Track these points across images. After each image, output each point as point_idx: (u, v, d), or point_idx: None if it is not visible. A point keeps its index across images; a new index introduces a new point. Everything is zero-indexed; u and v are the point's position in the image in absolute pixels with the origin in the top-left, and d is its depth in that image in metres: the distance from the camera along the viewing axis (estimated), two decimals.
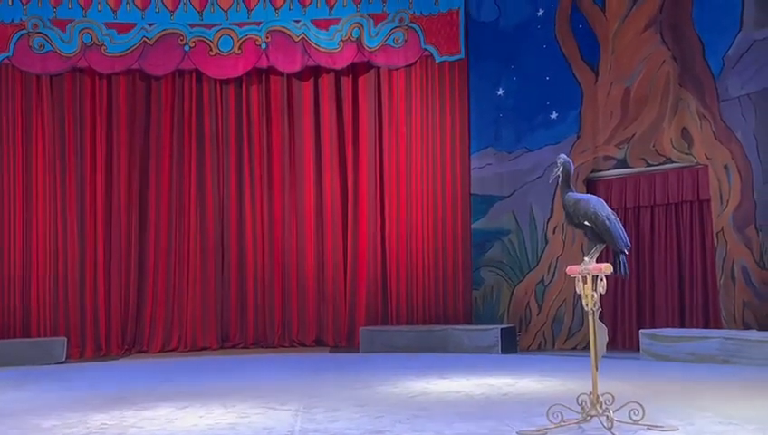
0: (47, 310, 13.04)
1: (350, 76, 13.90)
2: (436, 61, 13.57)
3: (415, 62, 13.65)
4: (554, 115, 12.87)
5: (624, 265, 5.93)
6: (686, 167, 11.80)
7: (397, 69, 13.68)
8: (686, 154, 11.72)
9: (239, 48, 13.66)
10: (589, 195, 6.30)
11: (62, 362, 12.32)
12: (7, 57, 13.13)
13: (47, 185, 13.21)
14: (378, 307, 13.50)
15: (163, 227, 13.61)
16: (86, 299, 13.20)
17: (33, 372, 11.14)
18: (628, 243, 6.02)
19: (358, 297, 13.61)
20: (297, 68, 13.73)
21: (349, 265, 13.70)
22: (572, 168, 6.17)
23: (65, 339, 12.69)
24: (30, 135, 13.23)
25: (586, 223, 5.94)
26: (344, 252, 13.77)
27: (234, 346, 13.57)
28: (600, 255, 5.98)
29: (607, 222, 5.89)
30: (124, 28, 13.44)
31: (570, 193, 6.08)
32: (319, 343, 13.66)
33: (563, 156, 6.19)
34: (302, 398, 7.80)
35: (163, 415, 7.03)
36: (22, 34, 13.16)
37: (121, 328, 13.39)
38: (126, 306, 13.44)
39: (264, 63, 13.72)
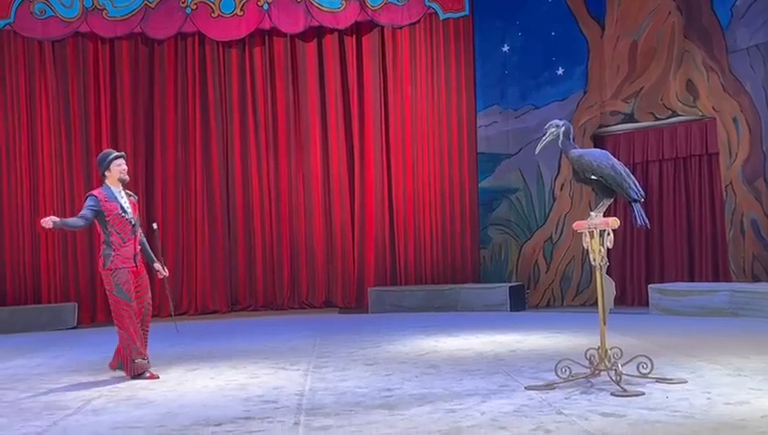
0: (57, 276, 13.08)
1: (354, 36, 13.76)
2: (440, 18, 13.43)
3: (418, 20, 13.50)
4: (560, 71, 12.76)
5: (640, 215, 5.88)
6: (694, 120, 11.70)
7: (400, 27, 13.54)
8: (692, 107, 11.62)
9: (241, 9, 13.52)
10: (592, 149, 6.27)
11: (74, 328, 12.40)
12: (8, 23, 13.05)
13: (53, 152, 13.19)
14: (386, 267, 13.51)
15: (170, 191, 13.60)
16: (96, 265, 13.19)
17: (45, 337, 11.22)
18: (640, 191, 5.96)
19: (366, 258, 13.61)
20: (300, 29, 13.60)
21: (356, 225, 13.69)
22: (571, 128, 6.13)
23: (76, 304, 12.76)
24: (34, 101, 13.19)
25: (593, 177, 5.90)
26: (351, 213, 13.75)
27: (243, 309, 13.61)
28: (618, 207, 5.95)
29: (612, 172, 5.84)
30: None
31: (573, 150, 6.04)
32: (328, 304, 13.69)
33: (556, 121, 6.12)
34: (312, 358, 7.84)
35: (174, 377, 7.08)
36: (22, 0, 13.05)
37: None
38: None
39: (266, 25, 13.60)
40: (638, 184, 5.97)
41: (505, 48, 13.19)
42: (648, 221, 5.97)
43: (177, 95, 13.65)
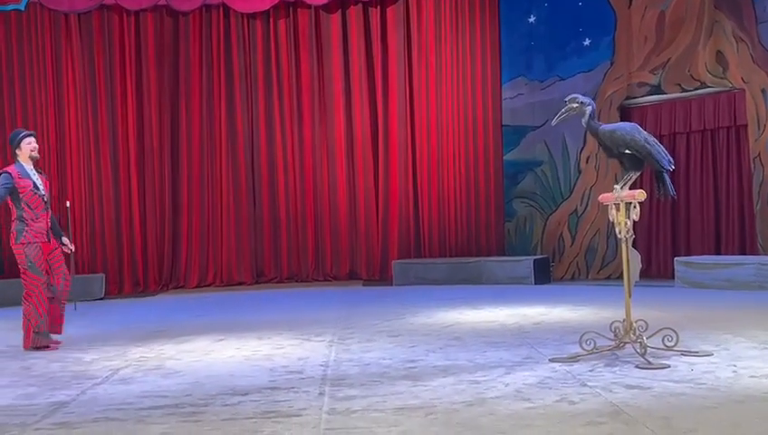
0: (84, 247, 13.19)
1: (379, 7, 13.68)
2: None
3: None
4: (587, 42, 12.62)
5: (670, 185, 5.86)
6: (722, 92, 11.55)
7: None
8: (721, 78, 11.47)
9: None
10: (621, 123, 6.21)
11: (101, 299, 12.54)
12: None
13: (79, 124, 13.29)
14: (410, 240, 13.53)
15: (195, 163, 13.67)
16: (122, 236, 13.36)
17: (72, 308, 11.33)
18: (672, 160, 5.94)
19: (390, 230, 13.63)
20: (324, 0, 13.54)
21: (380, 198, 13.70)
22: (594, 107, 6.07)
23: (103, 275, 12.90)
24: (60, 74, 13.27)
25: (627, 151, 5.86)
26: (376, 185, 13.75)
27: (268, 281, 13.69)
28: (643, 180, 5.90)
29: (647, 145, 5.81)
30: None
31: (602, 126, 5.99)
32: (352, 276, 13.74)
33: (580, 97, 6.03)
34: (337, 330, 7.89)
35: (200, 347, 7.15)
36: None
37: (158, 264, 13.57)
38: (162, 243, 13.60)
39: None
40: (667, 153, 5.95)
41: (531, 18, 13.06)
42: (674, 191, 5.97)
43: (202, 67, 13.67)
